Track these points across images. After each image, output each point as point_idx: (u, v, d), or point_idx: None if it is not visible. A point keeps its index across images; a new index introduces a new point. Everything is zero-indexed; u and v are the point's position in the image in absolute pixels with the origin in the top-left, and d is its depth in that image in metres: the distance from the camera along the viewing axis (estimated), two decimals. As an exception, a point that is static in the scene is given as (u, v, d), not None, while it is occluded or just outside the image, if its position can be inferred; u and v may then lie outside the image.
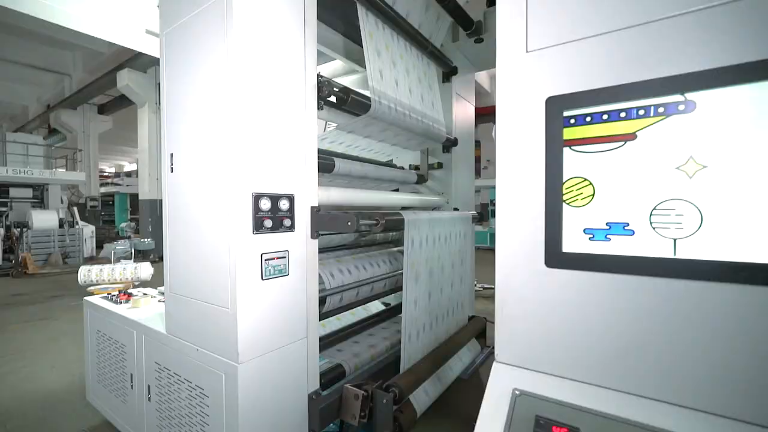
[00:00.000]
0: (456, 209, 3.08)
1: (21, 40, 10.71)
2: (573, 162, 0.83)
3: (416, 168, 3.21)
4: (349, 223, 1.75)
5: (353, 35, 2.80)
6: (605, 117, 0.79)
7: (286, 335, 1.65)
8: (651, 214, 0.76)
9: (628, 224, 0.78)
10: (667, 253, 0.74)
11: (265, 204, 1.53)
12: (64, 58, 12.55)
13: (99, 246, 11.08)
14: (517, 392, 0.86)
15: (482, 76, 12.32)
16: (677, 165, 0.73)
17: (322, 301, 1.95)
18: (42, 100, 15.42)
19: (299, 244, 1.70)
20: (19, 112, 17.00)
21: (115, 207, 18.59)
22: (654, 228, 0.75)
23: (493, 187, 14.11)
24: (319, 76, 1.79)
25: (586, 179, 0.81)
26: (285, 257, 1.63)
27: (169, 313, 1.80)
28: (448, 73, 3.05)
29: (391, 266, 2.53)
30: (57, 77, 13.54)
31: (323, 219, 1.77)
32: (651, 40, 0.75)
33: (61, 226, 10.14)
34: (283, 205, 1.61)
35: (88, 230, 10.80)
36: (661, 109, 0.74)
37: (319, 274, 1.96)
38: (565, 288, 0.84)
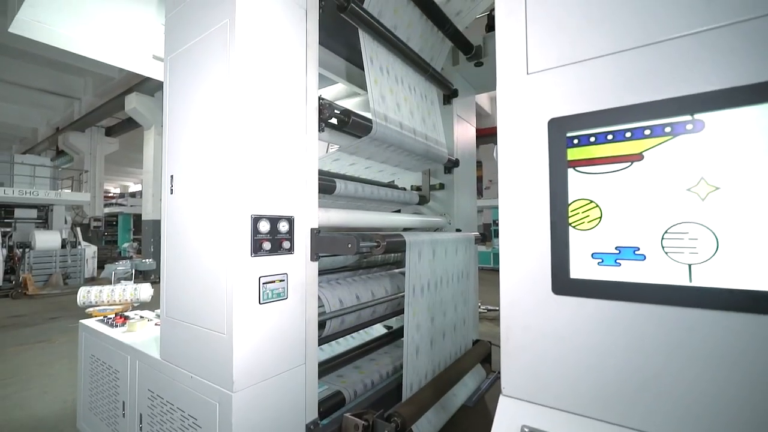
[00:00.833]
0: (458, 230, 3.04)
1: (34, 66, 11.06)
2: (578, 183, 0.80)
3: (418, 189, 3.21)
4: (350, 245, 1.72)
5: (355, 59, 2.86)
6: (610, 137, 0.76)
7: (283, 362, 1.59)
8: (663, 238, 0.72)
9: (638, 248, 0.74)
10: (681, 279, 0.70)
11: (264, 226, 1.51)
12: (75, 83, 12.92)
13: (101, 267, 11.04)
14: (526, 429, 0.81)
15: (482, 98, 12.55)
16: (688, 186, 0.70)
17: (321, 325, 1.90)
18: (51, 122, 15.78)
19: (298, 266, 1.66)
20: (29, 134, 17.37)
21: (118, 227, 18.65)
22: (666, 253, 0.71)
23: (496, 207, 14.11)
24: (320, 98, 1.81)
25: (592, 201, 0.78)
26: (284, 280, 1.59)
27: (164, 337, 1.75)
28: (449, 95, 3.09)
29: (392, 288, 2.47)
30: (67, 101, 13.91)
31: (323, 241, 1.75)
32: (655, 61, 0.74)
33: (63, 246, 10.13)
34: (283, 227, 1.59)
35: (90, 250, 10.78)
36: (668, 129, 0.71)
37: (319, 297, 1.91)
38: (574, 316, 0.79)
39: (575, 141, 0.80)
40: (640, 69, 0.75)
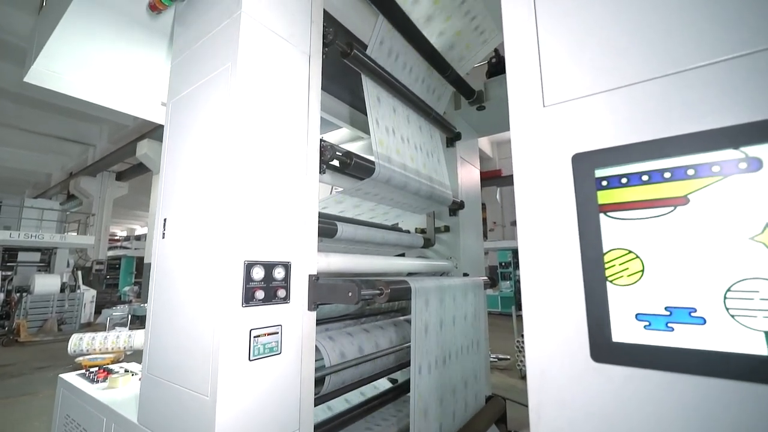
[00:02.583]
0: (466, 274, 2.90)
1: (53, 114, 11.61)
2: (611, 230, 0.69)
3: (422, 231, 3.11)
4: (350, 294, 1.59)
5: (358, 105, 2.90)
6: (645, 178, 0.66)
7: (274, 428, 1.40)
8: (725, 298, 0.59)
9: (695, 310, 0.61)
10: (757, 348, 0.57)
11: (258, 273, 1.40)
12: (91, 131, 13.47)
13: (99, 311, 10.78)
14: None
15: (483, 141, 12.86)
16: (751, 235, 0.59)
17: (320, 381, 1.72)
18: (66, 168, 16.28)
19: (295, 317, 1.53)
20: (43, 179, 17.87)
21: (120, 270, 18.51)
22: (732, 316, 0.58)
23: (501, 249, 13.88)
24: (321, 140, 1.77)
25: (630, 251, 0.66)
26: (278, 333, 1.45)
27: (144, 397, 1.57)
28: (452, 138, 3.09)
29: (397, 338, 2.29)
30: (83, 147, 14.43)
31: (322, 289, 1.62)
32: (692, 89, 0.65)
33: (62, 290, 9.96)
34: (278, 273, 1.47)
35: (89, 295, 10.58)
36: (716, 168, 0.62)
37: (318, 349, 1.75)
38: (620, 390, 0.64)
39: (604, 183, 0.70)
40: (675, 98, 0.66)
